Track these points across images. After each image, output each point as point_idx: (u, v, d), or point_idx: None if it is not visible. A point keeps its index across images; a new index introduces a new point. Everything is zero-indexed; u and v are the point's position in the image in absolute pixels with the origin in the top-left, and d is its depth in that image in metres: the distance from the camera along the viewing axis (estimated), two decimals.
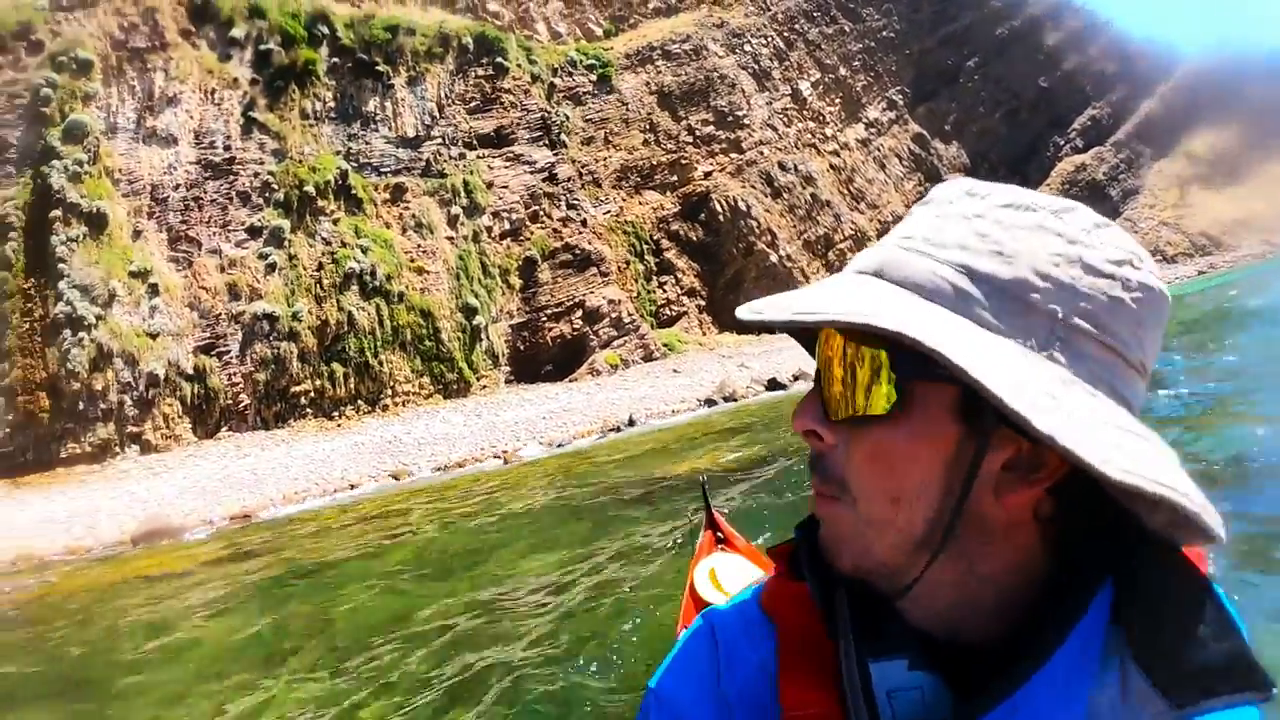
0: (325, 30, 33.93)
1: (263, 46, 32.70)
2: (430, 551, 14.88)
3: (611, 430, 26.34)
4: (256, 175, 30.75)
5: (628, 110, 42.50)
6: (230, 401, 28.20)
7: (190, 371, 27.62)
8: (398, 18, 36.45)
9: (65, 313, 26.12)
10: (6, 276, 26.85)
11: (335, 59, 33.78)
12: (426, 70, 35.34)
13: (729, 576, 4.84)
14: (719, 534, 5.55)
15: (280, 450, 26.85)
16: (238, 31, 32.50)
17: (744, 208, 42.89)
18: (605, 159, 40.71)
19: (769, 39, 50.74)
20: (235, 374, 28.39)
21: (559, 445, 25.40)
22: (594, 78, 42.10)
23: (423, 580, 12.85)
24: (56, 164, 27.85)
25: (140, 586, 16.02)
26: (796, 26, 52.74)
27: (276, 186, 30.82)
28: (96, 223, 27.71)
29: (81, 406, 25.99)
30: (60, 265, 26.76)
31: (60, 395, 25.86)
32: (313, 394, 29.21)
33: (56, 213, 27.27)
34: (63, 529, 21.90)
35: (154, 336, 27.45)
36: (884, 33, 59.29)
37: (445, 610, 10.33)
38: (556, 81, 40.54)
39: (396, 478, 23.88)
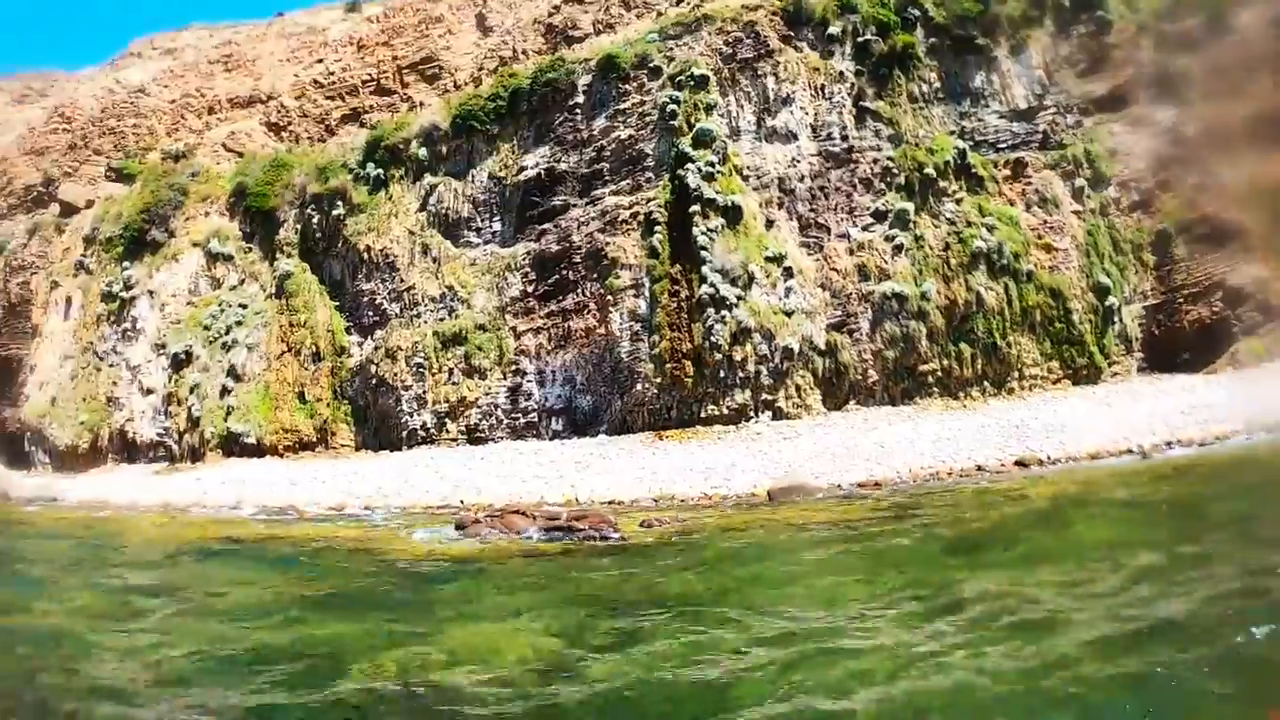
0: (916, 12, 34.51)
1: (860, 39, 34.36)
2: (1042, 539, 15.26)
3: (1262, 430, 23.30)
4: (875, 161, 32.53)
5: (1251, 50, 37.23)
6: (859, 376, 30.40)
7: (822, 347, 30.37)
8: None
9: (709, 294, 30.40)
10: (656, 264, 31.99)
11: (933, 39, 34.26)
12: (1027, 36, 34.30)
13: None
14: None
15: (906, 426, 28.18)
16: (834, 29, 34.60)
17: None
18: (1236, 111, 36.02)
19: None
20: (865, 350, 30.48)
21: (1201, 444, 23.32)
22: (1204, 17, 37.53)
23: (1016, 563, 13.48)
24: (691, 167, 32.36)
25: (785, 529, 18.51)
26: None
27: (896, 171, 32.30)
28: (732, 215, 31.64)
29: (722, 374, 30.20)
30: (703, 253, 31.10)
31: (703, 364, 30.30)
32: (939, 373, 30.24)
33: (695, 208, 31.80)
34: (700, 477, 25.31)
35: (789, 314, 30.56)
36: None
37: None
38: (1165, 28, 36.82)
39: (1024, 464, 23.57)
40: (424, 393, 35.41)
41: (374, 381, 36.70)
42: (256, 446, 37.85)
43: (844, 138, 33.03)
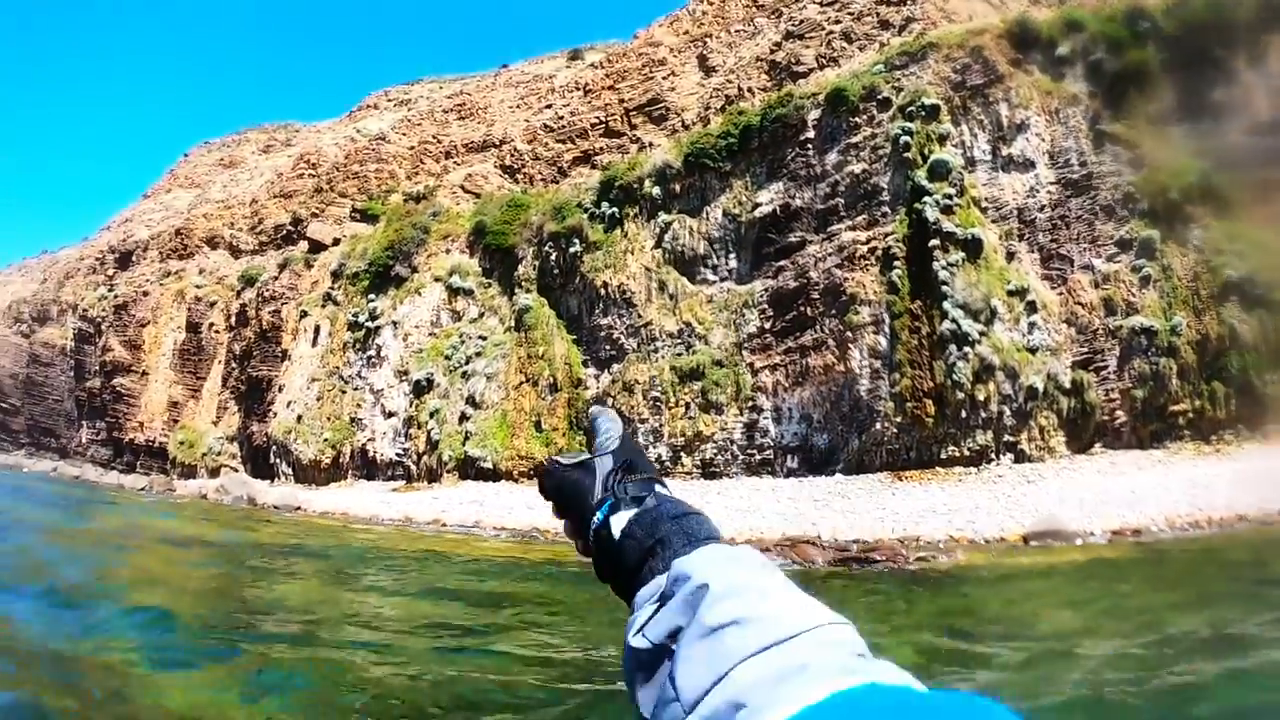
0: (1146, 24, 34.34)
1: (1091, 58, 34.65)
2: None
3: None
4: (1117, 187, 32.58)
5: None
6: (1106, 417, 30.35)
7: (1067, 386, 30.63)
8: None
9: (950, 330, 31.35)
10: (896, 299, 33.30)
11: (1165, 53, 34.00)
12: (1269, 42, 33.63)
13: None
14: None
15: (1157, 471, 27.85)
16: (1063, 49, 35.04)
17: None
18: None
19: None
20: (1112, 389, 30.51)
21: None
22: None
23: None
24: (927, 200, 33.54)
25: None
26: None
27: (1139, 197, 32.24)
28: (972, 248, 32.60)
29: (964, 414, 30.99)
30: (943, 288, 32.10)
31: (944, 403, 31.16)
32: (1191, 414, 29.53)
33: (934, 242, 32.91)
34: (944, 520, 26.16)
35: (1033, 351, 31.17)
36: None
37: None
38: None
39: None
40: (660, 426, 38.16)
41: None
42: (492, 471, 41.72)
43: (1082, 164, 33.23)
